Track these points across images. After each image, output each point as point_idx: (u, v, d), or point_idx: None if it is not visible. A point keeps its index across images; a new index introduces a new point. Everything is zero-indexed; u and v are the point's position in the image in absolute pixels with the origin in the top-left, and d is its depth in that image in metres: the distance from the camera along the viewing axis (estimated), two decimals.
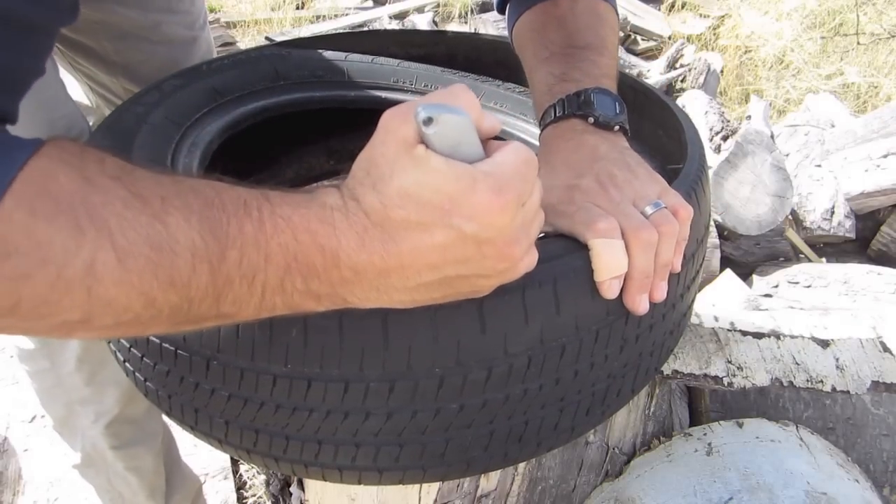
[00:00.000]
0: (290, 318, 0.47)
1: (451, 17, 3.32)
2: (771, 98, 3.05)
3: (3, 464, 1.43)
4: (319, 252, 0.43)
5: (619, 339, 0.58)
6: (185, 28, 1.02)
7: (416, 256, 0.43)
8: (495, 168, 0.43)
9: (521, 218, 0.45)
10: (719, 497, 0.82)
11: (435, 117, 0.41)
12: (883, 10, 3.58)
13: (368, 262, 0.43)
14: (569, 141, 0.65)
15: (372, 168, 0.44)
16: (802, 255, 2.07)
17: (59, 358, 0.91)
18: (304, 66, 1.02)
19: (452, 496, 0.81)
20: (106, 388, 0.96)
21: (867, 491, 0.91)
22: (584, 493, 0.92)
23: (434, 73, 1.06)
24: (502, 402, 0.55)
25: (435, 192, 0.42)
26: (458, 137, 0.42)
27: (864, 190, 2.11)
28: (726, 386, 0.87)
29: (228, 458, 1.47)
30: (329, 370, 0.51)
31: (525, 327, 0.52)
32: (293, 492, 1.36)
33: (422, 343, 0.51)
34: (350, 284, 0.44)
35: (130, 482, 1.06)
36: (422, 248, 0.43)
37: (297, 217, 0.43)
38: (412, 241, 0.43)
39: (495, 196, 0.42)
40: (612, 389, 0.61)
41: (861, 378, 0.90)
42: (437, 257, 0.43)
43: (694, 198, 0.64)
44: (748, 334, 0.94)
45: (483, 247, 0.43)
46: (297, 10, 3.51)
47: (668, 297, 0.59)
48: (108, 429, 0.99)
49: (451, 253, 0.43)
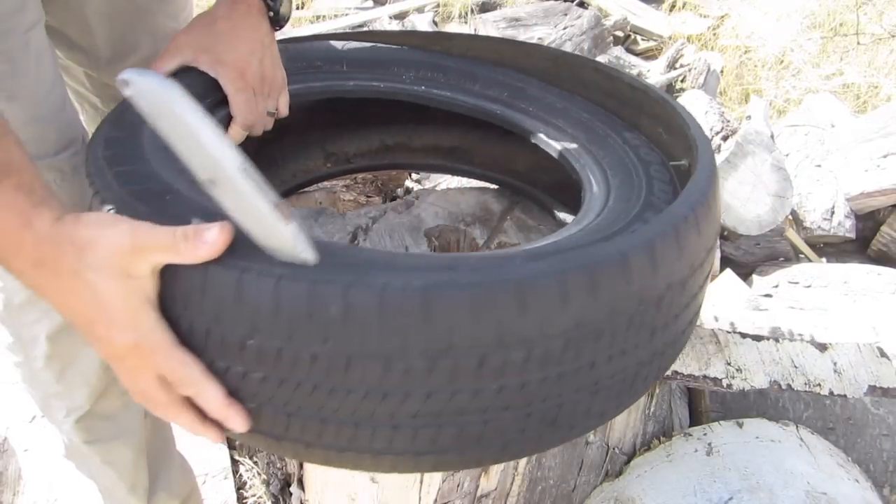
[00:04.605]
0: (329, 294, 0.50)
1: (451, 17, 3.32)
2: (771, 98, 3.05)
3: (3, 464, 1.43)
4: (4, 247, 0.54)
5: (649, 327, 0.59)
6: (169, 18, 1.02)
7: (72, 311, 0.54)
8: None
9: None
10: (719, 497, 0.82)
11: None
12: (883, 10, 3.58)
13: (37, 281, 0.55)
14: None
15: (86, 244, 0.52)
16: (802, 255, 2.07)
17: (30, 353, 0.91)
18: (301, 56, 1.02)
19: (452, 496, 0.81)
20: (75, 385, 0.96)
21: (867, 491, 0.91)
22: (584, 493, 0.92)
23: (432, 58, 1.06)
24: (539, 385, 0.55)
25: (102, 306, 0.52)
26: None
27: (864, 190, 2.11)
28: (725, 388, 0.88)
29: (228, 457, 1.47)
30: (369, 347, 0.51)
31: (563, 310, 0.53)
32: (293, 492, 1.36)
33: (463, 321, 0.51)
34: (19, 279, 0.55)
35: (109, 476, 1.06)
36: (75, 308, 0.54)
37: (2, 214, 0.53)
38: (69, 301, 0.54)
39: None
40: (640, 376, 0.63)
41: (858, 382, 0.91)
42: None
43: (706, 203, 0.65)
44: (747, 336, 0.95)
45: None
46: (296, 10, 3.51)
47: (692, 288, 0.62)
48: (78, 424, 0.99)
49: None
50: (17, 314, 0.86)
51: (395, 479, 0.89)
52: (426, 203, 1.12)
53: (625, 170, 0.86)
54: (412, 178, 1.69)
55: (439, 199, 1.15)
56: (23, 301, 0.85)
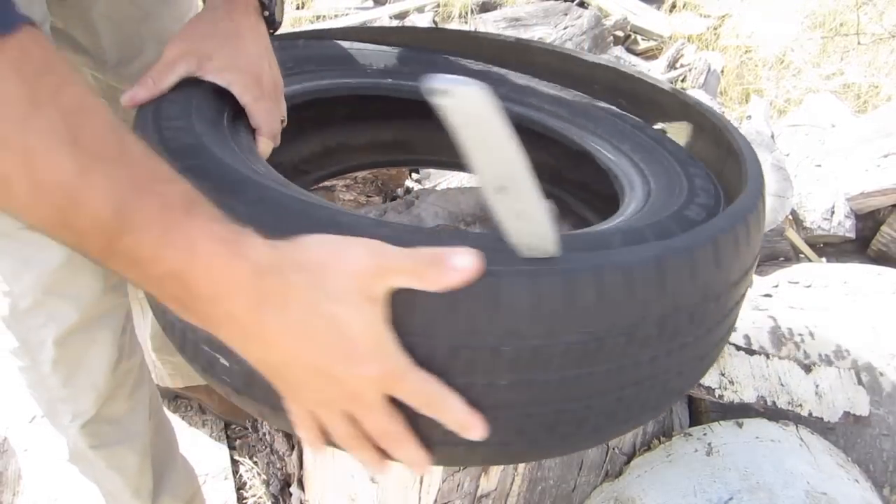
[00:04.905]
0: (585, 280, 0.51)
1: (451, 17, 3.32)
2: (771, 98, 3.05)
3: (3, 464, 1.43)
4: (208, 286, 0.44)
5: (707, 322, 0.60)
6: (176, 22, 1.01)
7: (297, 352, 0.45)
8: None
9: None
10: (719, 497, 0.82)
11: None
12: (883, 10, 3.58)
13: (254, 323, 0.45)
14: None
15: (319, 270, 0.45)
16: (802, 255, 2.07)
17: (37, 358, 0.91)
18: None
19: (452, 496, 0.81)
20: (82, 390, 0.95)
21: (867, 491, 0.91)
22: (584, 493, 0.92)
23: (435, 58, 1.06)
24: (610, 374, 0.56)
25: (343, 337, 0.45)
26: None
27: (864, 190, 2.11)
28: (717, 398, 0.90)
29: (228, 458, 1.47)
30: (618, 325, 0.53)
31: (632, 302, 0.54)
32: (293, 492, 1.36)
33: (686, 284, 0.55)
34: (220, 327, 0.46)
35: (113, 480, 1.06)
36: (303, 348, 0.45)
37: (204, 246, 0.44)
38: (297, 340, 0.45)
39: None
40: (689, 371, 0.64)
41: (835, 407, 0.94)
42: (314, 365, 0.46)
43: (746, 228, 0.66)
44: (741, 349, 0.97)
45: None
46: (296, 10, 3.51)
47: (741, 288, 0.64)
48: (84, 429, 0.98)
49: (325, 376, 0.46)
50: (24, 319, 0.86)
51: (395, 479, 0.89)
52: (426, 203, 1.13)
53: (664, 171, 0.87)
54: (412, 178, 1.69)
55: (439, 198, 1.15)
56: (29, 305, 0.85)
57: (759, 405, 0.91)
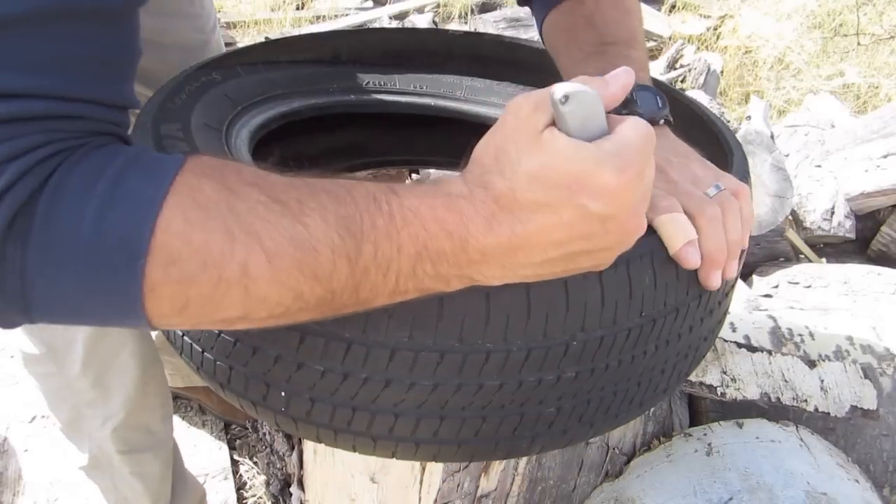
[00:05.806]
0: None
1: (451, 17, 3.32)
2: (771, 98, 3.05)
3: (3, 464, 1.43)
4: (448, 238, 0.46)
5: (692, 320, 0.62)
6: (196, 31, 1.02)
7: (544, 235, 0.46)
8: (618, 147, 0.45)
9: (641, 191, 0.48)
10: (719, 497, 0.83)
11: (570, 95, 0.45)
12: (883, 10, 3.58)
13: (496, 245, 0.46)
14: None
15: (500, 154, 0.46)
16: (802, 256, 2.07)
17: (65, 360, 0.91)
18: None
19: (452, 496, 0.81)
20: (112, 391, 0.96)
21: (867, 491, 0.91)
22: (584, 493, 0.92)
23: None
24: (603, 372, 0.58)
25: (563, 174, 0.45)
26: (588, 114, 0.46)
27: (864, 190, 2.11)
28: (719, 396, 0.90)
29: (228, 458, 1.47)
30: (423, 340, 0.54)
31: (630, 301, 0.56)
32: (293, 492, 1.36)
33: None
34: (477, 265, 0.47)
35: (135, 487, 1.06)
36: (549, 227, 0.46)
37: (425, 208, 0.46)
38: (540, 222, 0.46)
39: (619, 175, 0.45)
40: (678, 367, 0.66)
41: (841, 402, 0.93)
42: (564, 235, 0.46)
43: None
44: (743, 346, 0.96)
45: (607, 223, 0.47)
46: (296, 11, 3.51)
47: (728, 280, 0.64)
48: (115, 433, 0.99)
49: (577, 230, 0.46)
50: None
51: (395, 479, 0.89)
52: None
53: None
54: (412, 178, 1.69)
55: None
56: None
57: (762, 402, 0.90)
